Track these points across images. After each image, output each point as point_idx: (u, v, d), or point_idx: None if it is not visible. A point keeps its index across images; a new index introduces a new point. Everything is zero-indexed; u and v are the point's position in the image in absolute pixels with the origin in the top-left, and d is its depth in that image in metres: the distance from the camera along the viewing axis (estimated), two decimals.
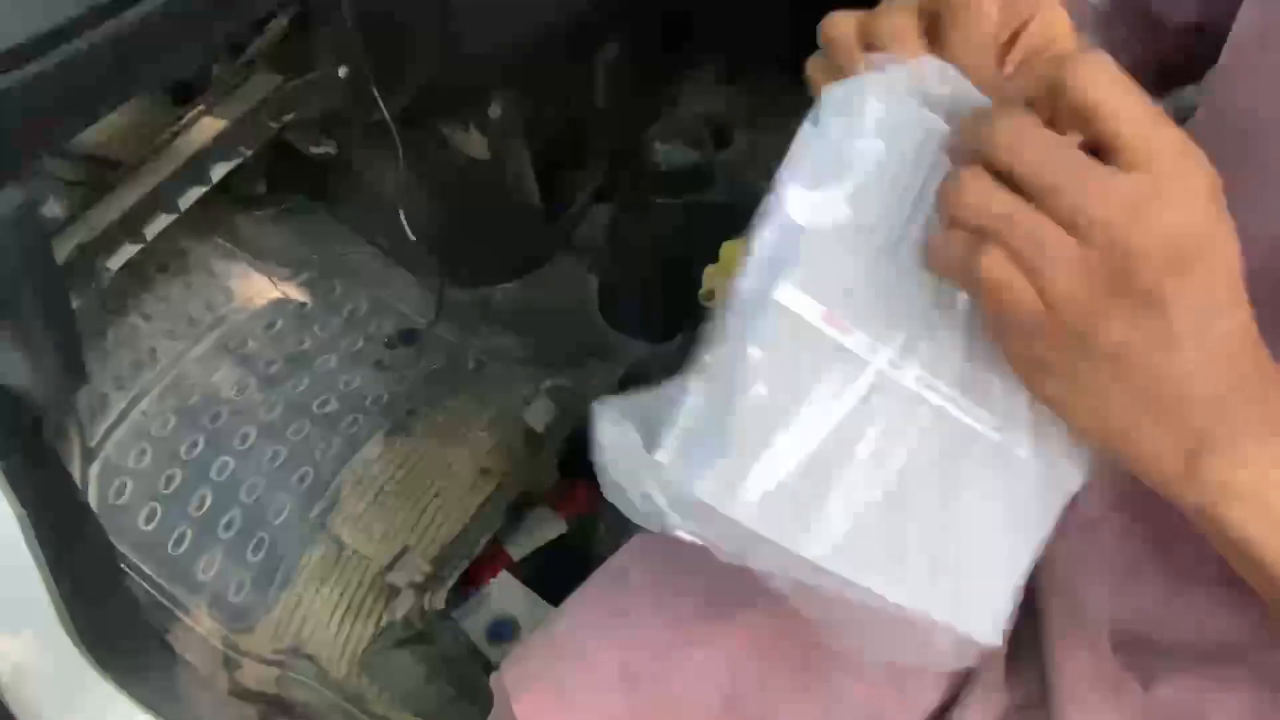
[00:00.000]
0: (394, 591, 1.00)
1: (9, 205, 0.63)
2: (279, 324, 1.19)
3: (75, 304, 0.81)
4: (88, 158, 0.87)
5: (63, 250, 0.81)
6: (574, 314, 1.34)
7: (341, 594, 1.03)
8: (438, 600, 1.01)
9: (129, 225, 0.86)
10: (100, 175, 0.86)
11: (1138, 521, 0.54)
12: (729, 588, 0.60)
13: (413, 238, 1.00)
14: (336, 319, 1.22)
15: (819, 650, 0.58)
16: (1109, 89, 0.32)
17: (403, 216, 1.00)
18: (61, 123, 0.72)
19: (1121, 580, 0.55)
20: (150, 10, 0.72)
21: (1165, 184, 0.32)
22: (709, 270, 0.95)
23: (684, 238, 1.23)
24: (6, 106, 0.61)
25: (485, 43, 0.97)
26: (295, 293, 1.22)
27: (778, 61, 1.47)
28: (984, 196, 0.33)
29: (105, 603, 0.84)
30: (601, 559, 0.67)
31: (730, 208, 1.25)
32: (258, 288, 1.21)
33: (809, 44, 0.43)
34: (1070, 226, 0.32)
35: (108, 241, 0.84)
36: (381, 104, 0.93)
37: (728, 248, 0.94)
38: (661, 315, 1.29)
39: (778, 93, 1.47)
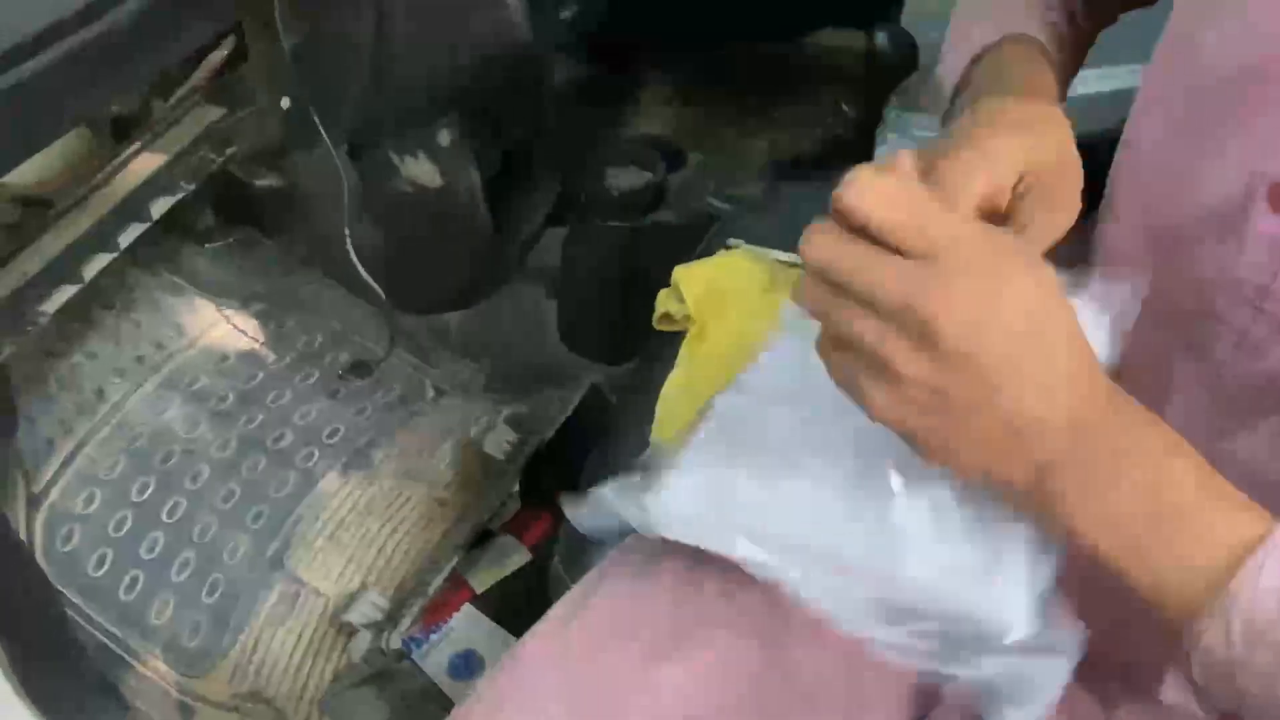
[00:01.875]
0: (351, 631, 0.98)
1: None
2: (230, 359, 1.17)
3: (7, 351, 0.79)
4: (20, 199, 0.85)
5: None
6: (531, 339, 1.32)
7: (300, 634, 1.01)
8: (395, 639, 0.99)
9: (65, 267, 0.84)
10: (34, 217, 0.84)
11: None
12: (682, 623, 0.59)
13: (360, 269, 0.98)
14: (290, 352, 1.20)
15: (775, 688, 0.57)
16: (873, 206, 0.37)
17: (350, 247, 0.98)
18: None
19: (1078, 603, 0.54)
20: (80, 44, 0.71)
21: (945, 263, 0.37)
22: (662, 294, 0.94)
23: (637, 260, 1.22)
24: None
25: (424, 70, 0.95)
26: (247, 326, 1.20)
27: (729, 82, 1.47)
28: (817, 302, 0.40)
29: (51, 654, 0.82)
30: (554, 596, 0.65)
31: (683, 229, 1.25)
32: (208, 323, 1.19)
33: (759, 65, 0.44)
34: (871, 307, 0.38)
35: (42, 285, 0.82)
36: (325, 134, 0.92)
37: (679, 271, 0.93)
38: (619, 338, 1.28)
39: (729, 113, 1.47)
